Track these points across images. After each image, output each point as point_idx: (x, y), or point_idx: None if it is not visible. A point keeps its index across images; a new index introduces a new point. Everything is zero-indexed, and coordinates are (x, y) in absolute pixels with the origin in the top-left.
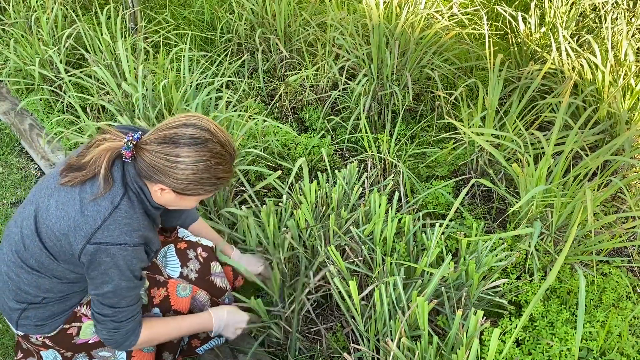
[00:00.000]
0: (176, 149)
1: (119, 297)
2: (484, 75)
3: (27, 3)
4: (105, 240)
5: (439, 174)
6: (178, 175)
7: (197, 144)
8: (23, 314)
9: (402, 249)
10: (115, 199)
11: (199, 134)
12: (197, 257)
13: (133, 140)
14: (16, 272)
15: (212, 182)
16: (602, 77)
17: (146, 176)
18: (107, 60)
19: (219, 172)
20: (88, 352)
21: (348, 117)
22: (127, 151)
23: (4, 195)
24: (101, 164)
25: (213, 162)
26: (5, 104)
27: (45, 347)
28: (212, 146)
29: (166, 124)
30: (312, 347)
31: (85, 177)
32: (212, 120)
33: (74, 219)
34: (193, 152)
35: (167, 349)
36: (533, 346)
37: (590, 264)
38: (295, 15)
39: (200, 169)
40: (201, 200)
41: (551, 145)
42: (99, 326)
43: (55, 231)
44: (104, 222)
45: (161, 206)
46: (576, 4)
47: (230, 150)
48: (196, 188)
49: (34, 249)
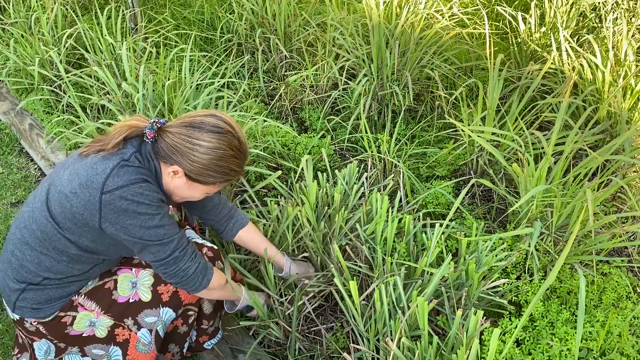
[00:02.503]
0: (200, 132)
1: (169, 225)
2: (484, 75)
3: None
4: (117, 185)
5: (439, 174)
6: (195, 158)
7: (220, 132)
8: (22, 295)
9: (403, 249)
10: (126, 154)
11: (223, 125)
12: (204, 256)
13: (158, 123)
14: (20, 249)
15: (224, 172)
16: (602, 77)
17: (164, 156)
18: (107, 60)
19: (232, 164)
20: (81, 348)
21: (348, 117)
22: (150, 131)
23: (4, 195)
24: (119, 135)
25: (229, 154)
26: (5, 104)
27: (39, 336)
28: (231, 139)
29: (192, 114)
30: (312, 347)
31: (100, 147)
32: (233, 119)
33: (84, 176)
34: (214, 138)
35: (174, 341)
36: (533, 346)
37: (590, 264)
38: (295, 15)
39: (217, 156)
40: (208, 194)
41: (551, 145)
42: (181, 264)
43: (66, 193)
44: (112, 170)
45: (165, 194)
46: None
47: (246, 149)
48: (209, 175)
49: (41, 219)
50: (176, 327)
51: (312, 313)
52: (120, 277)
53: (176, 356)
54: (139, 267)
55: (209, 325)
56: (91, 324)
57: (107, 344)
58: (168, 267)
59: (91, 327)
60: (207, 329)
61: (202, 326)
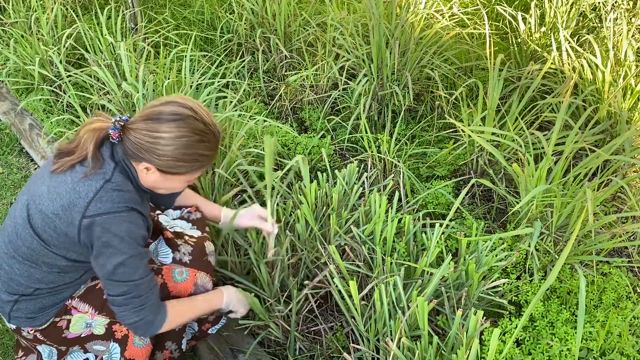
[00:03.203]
0: (158, 124)
1: (130, 269)
2: (484, 75)
3: (27, 3)
4: (99, 212)
5: (439, 174)
6: (160, 152)
7: (178, 119)
8: (15, 306)
9: (402, 249)
10: (107, 173)
11: (181, 111)
12: (186, 242)
13: (121, 121)
14: (8, 263)
15: (194, 159)
16: (602, 76)
17: (132, 155)
18: (107, 60)
19: (201, 149)
20: (82, 346)
21: (348, 117)
22: (114, 131)
23: (4, 195)
24: (90, 144)
25: (195, 139)
26: (5, 104)
27: (38, 342)
28: (193, 123)
29: (151, 104)
30: (312, 347)
31: (74, 160)
32: (196, 101)
33: (67, 198)
34: (174, 127)
35: (170, 338)
36: (533, 346)
37: (590, 264)
38: (295, 15)
39: (181, 145)
40: (189, 182)
41: (551, 145)
42: (123, 311)
43: (48, 213)
44: (95, 195)
45: (149, 190)
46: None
47: (214, 130)
48: (179, 165)
49: (25, 236)
50: None
51: (313, 312)
52: None
53: (175, 353)
54: None
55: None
56: (87, 325)
57: (107, 340)
58: (111, 304)
59: (88, 327)
60: (207, 316)
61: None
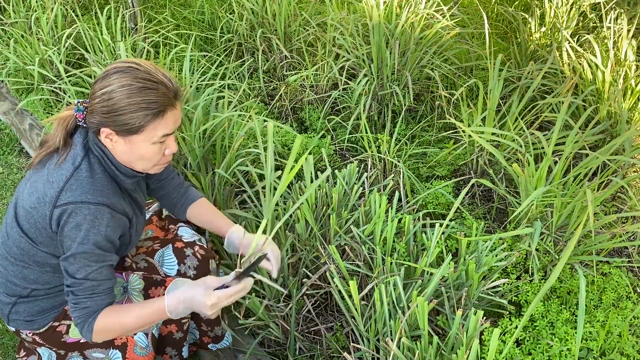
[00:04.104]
0: (100, 82)
1: (78, 265)
2: (484, 75)
3: (27, 3)
4: (68, 201)
5: (439, 174)
6: (108, 108)
7: (120, 71)
8: (14, 308)
9: (402, 249)
10: (76, 159)
11: (122, 64)
12: (194, 255)
13: (84, 103)
14: (3, 265)
15: (142, 106)
16: (602, 76)
17: (95, 128)
18: (107, 60)
19: (148, 95)
20: (81, 352)
21: (348, 117)
22: (78, 113)
23: (4, 195)
24: (59, 132)
25: (138, 86)
26: (5, 104)
27: (38, 345)
28: (135, 72)
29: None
30: (312, 347)
31: (48, 149)
32: (146, 61)
33: (42, 190)
34: (116, 79)
35: (171, 345)
36: (533, 346)
37: (590, 264)
38: (295, 15)
39: (125, 94)
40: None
41: (551, 145)
42: (67, 299)
43: (27, 208)
44: (66, 184)
45: (130, 171)
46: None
47: (161, 78)
48: (130, 118)
49: (14, 235)
50: (171, 333)
51: (312, 312)
52: None
53: (174, 358)
54: (128, 271)
55: (208, 329)
56: None
57: (106, 348)
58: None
59: None
60: (207, 332)
61: (202, 328)
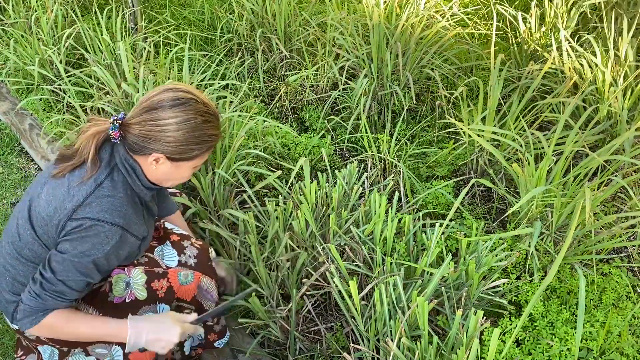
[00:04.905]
0: (163, 112)
1: (64, 267)
2: (484, 75)
3: (27, 3)
4: (85, 216)
5: (439, 174)
6: (170, 138)
7: (182, 104)
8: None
9: (402, 249)
10: (99, 178)
11: (182, 95)
12: (192, 245)
13: (119, 120)
14: (12, 264)
15: (204, 140)
16: (602, 77)
17: (139, 149)
18: (107, 60)
19: (208, 129)
20: (84, 348)
21: (348, 117)
22: (114, 131)
23: (4, 195)
24: (90, 149)
25: (201, 120)
26: (5, 104)
27: (41, 342)
28: (196, 105)
29: (147, 96)
30: (312, 347)
31: (74, 165)
32: (190, 85)
33: (60, 200)
34: (180, 112)
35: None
36: (533, 346)
37: (590, 263)
38: (295, 15)
39: (190, 128)
40: (196, 169)
41: (552, 145)
42: (30, 283)
43: (43, 215)
44: (85, 199)
45: (155, 185)
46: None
47: (214, 110)
48: (190, 149)
49: (27, 237)
50: None
51: (312, 312)
52: (114, 279)
53: (176, 355)
54: (130, 266)
55: (214, 323)
56: None
57: (109, 344)
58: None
59: None
60: (213, 326)
61: (207, 323)
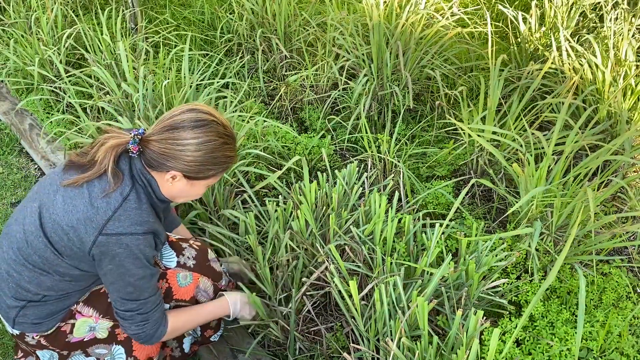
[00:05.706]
0: (184, 132)
1: (140, 289)
2: (484, 75)
3: (27, 3)
4: (118, 231)
5: (439, 174)
6: (189, 158)
7: (203, 125)
8: (21, 311)
9: (402, 249)
10: (125, 190)
11: (203, 117)
12: (191, 246)
13: (138, 135)
14: (17, 270)
15: (222, 161)
16: (602, 76)
17: (157, 166)
18: (107, 60)
19: (227, 151)
20: (84, 350)
21: (348, 117)
22: (134, 145)
23: (4, 195)
24: (108, 162)
25: (220, 142)
26: (5, 104)
27: (41, 347)
28: (216, 127)
29: (168, 115)
30: (312, 347)
31: (91, 177)
32: (210, 106)
33: (84, 212)
34: (201, 132)
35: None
36: (533, 346)
37: (590, 264)
38: (295, 15)
39: (209, 149)
40: (209, 186)
41: (552, 145)
42: (126, 323)
43: (62, 225)
44: (114, 213)
45: (167, 200)
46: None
47: (233, 133)
48: (208, 169)
49: (38, 245)
50: None
51: (312, 312)
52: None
53: (175, 351)
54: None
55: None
56: (91, 329)
57: (109, 344)
58: (116, 315)
59: (91, 331)
60: (210, 323)
61: None
